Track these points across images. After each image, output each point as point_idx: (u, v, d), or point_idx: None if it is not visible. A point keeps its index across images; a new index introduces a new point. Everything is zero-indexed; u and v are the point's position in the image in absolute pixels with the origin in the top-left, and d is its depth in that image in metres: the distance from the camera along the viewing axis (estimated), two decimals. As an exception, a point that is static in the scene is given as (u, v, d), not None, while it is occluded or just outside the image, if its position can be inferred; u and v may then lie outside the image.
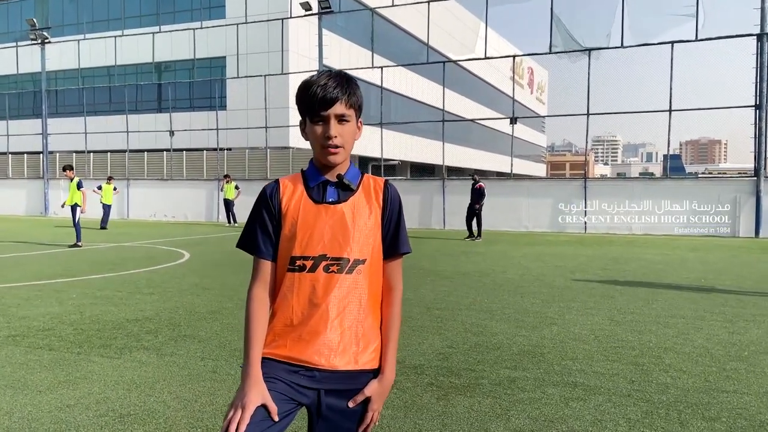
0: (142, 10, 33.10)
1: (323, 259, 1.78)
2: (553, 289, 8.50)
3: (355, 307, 1.80)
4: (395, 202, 1.89)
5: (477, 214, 17.52)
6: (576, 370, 4.66)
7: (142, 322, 6.19)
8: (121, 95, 31.13)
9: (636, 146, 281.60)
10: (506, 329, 5.99)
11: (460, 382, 4.32)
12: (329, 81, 1.80)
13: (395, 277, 1.92)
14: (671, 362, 4.89)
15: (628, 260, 12.29)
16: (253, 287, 1.85)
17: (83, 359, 4.84)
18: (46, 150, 30.38)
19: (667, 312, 6.91)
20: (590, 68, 20.40)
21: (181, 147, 28.63)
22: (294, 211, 1.82)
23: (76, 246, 14.24)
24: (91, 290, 8.08)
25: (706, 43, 19.03)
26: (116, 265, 10.95)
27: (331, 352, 1.76)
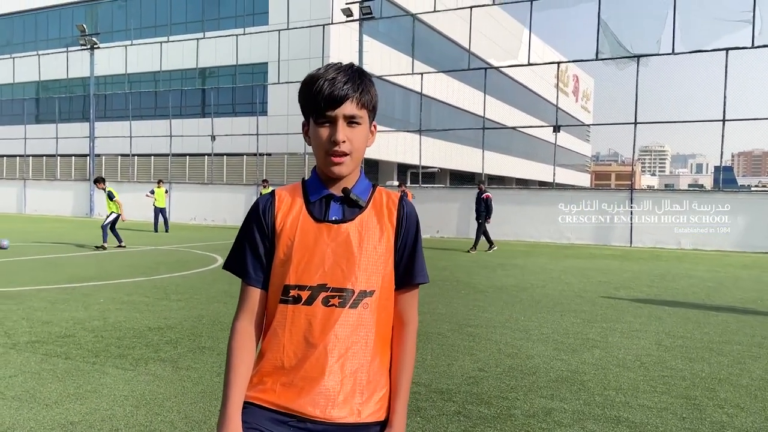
0: (187, 17, 33.65)
1: (323, 289, 1.49)
2: (595, 307, 8.02)
3: (360, 348, 1.49)
4: (412, 222, 1.57)
5: (481, 225, 16.70)
6: (620, 402, 4.24)
7: (164, 330, 6.01)
8: (165, 100, 31.67)
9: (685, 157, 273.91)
10: (543, 351, 5.59)
11: (491, 413, 3.96)
12: (338, 75, 1.49)
13: (409, 311, 1.61)
14: (726, 396, 4.42)
15: (676, 277, 11.64)
16: (239, 318, 1.56)
17: (97, 370, 4.67)
18: (92, 153, 31.12)
19: (720, 337, 6.38)
20: (638, 75, 19.67)
21: (222, 152, 28.92)
22: (290, 230, 1.53)
23: (102, 248, 14.31)
24: (119, 295, 8.00)
25: (763, 50, 18.10)
26: (150, 269, 10.92)
27: (329, 402, 1.46)
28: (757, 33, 17.81)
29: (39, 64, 33.36)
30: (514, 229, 21.08)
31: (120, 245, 14.69)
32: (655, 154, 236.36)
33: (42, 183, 32.42)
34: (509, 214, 21.28)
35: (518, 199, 21.92)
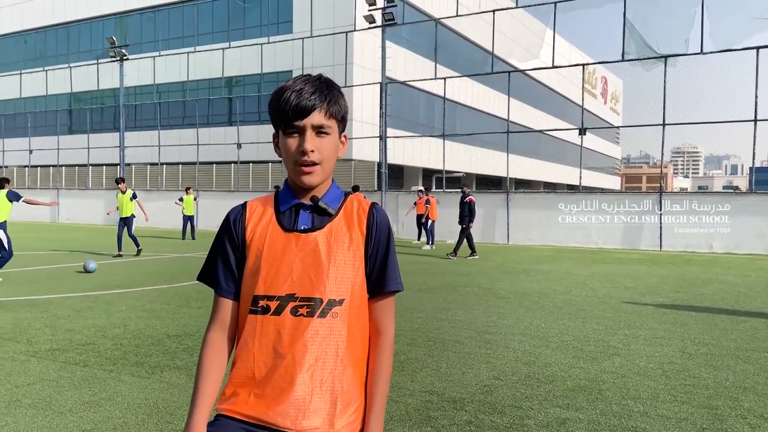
0: (214, 27, 34.17)
1: (291, 299, 1.48)
2: (619, 314, 7.85)
3: (331, 358, 1.47)
4: (383, 228, 1.55)
5: (464, 230, 15.97)
6: (638, 412, 4.13)
7: (182, 338, 6.07)
8: (193, 109, 32.17)
9: (719, 158, 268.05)
10: (562, 359, 5.48)
11: (503, 422, 3.89)
12: (306, 86, 1.50)
13: (384, 320, 1.58)
14: (750, 406, 4.27)
15: (705, 282, 11.34)
16: (210, 329, 1.57)
17: (113, 378, 4.73)
18: (123, 162, 31.73)
19: (748, 344, 6.18)
20: (666, 76, 19.28)
21: (248, 159, 29.23)
22: (259, 240, 1.53)
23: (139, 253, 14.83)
24: (141, 302, 8.11)
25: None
26: (173, 276, 11.06)
27: (299, 413, 1.44)
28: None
29: (71, 76, 34.19)
30: (540, 234, 20.83)
31: (119, 254, 14.76)
32: (688, 155, 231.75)
33: (74, 192, 33.15)
34: (536, 218, 21.05)
35: (545, 203, 21.66)
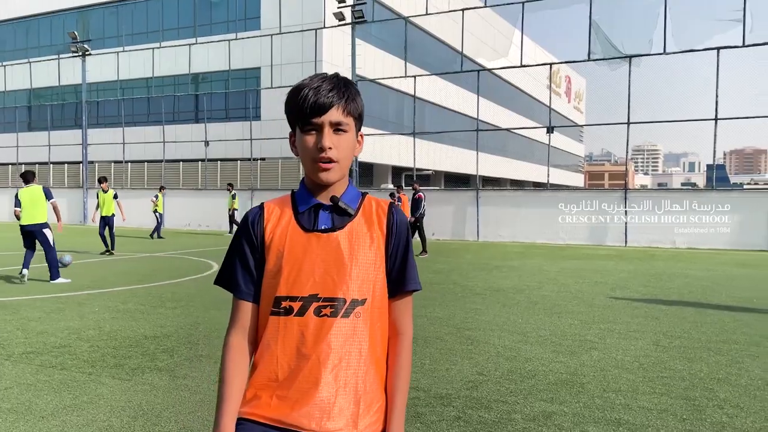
0: (179, 23, 33.59)
1: (314, 300, 1.47)
2: (592, 309, 8.02)
3: (354, 358, 1.47)
4: (402, 228, 1.56)
5: (418, 227, 15.90)
6: (620, 404, 4.23)
7: (160, 339, 5.97)
8: (158, 106, 31.59)
9: (678, 156, 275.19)
10: (542, 354, 5.58)
11: (491, 417, 3.95)
12: (323, 83, 1.50)
13: (403, 319, 1.58)
14: (726, 397, 4.42)
15: (671, 277, 11.66)
16: (231, 333, 1.55)
17: (93, 380, 4.63)
18: (85, 160, 30.98)
19: (717, 337, 6.39)
20: (631, 75, 19.73)
21: (215, 157, 28.85)
22: (279, 241, 1.51)
23: (111, 253, 14.80)
24: (114, 303, 7.95)
25: (754, 49, 18.20)
26: (145, 276, 10.86)
27: (324, 415, 1.43)
28: (747, 32, 17.91)
29: (30, 71, 33.21)
30: (510, 231, 21.10)
31: (108, 251, 14.96)
32: (648, 153, 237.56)
33: (35, 191, 32.20)
34: (505, 215, 21.32)
35: (514, 200, 21.95)
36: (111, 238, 15.25)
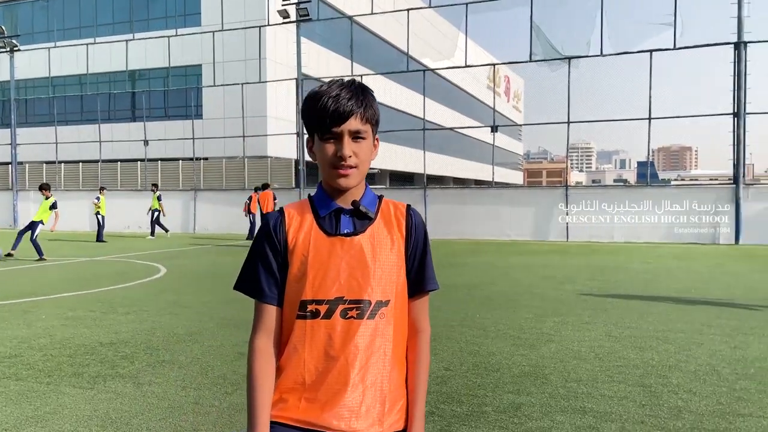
0: (114, 18, 32.46)
1: (340, 302, 1.49)
2: (545, 302, 8.29)
3: (379, 359, 1.51)
4: (420, 230, 1.60)
5: None
6: (582, 393, 4.41)
7: (117, 345, 5.80)
8: (93, 104, 30.41)
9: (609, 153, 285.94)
10: (503, 348, 5.73)
11: (463, 411, 4.04)
12: (342, 91, 1.51)
13: (422, 318, 1.64)
14: (678, 382, 4.68)
15: (614, 270, 12.17)
16: (256, 338, 1.55)
17: (53, 390, 4.46)
18: (15, 161, 29.50)
19: (664, 326, 6.73)
20: (570, 76, 20.42)
21: (155, 157, 28.03)
22: (303, 246, 1.53)
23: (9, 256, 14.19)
24: (61, 310, 7.64)
25: (685, 51, 19.17)
26: (89, 281, 10.48)
27: (352, 415, 1.47)
28: (678, 35, 18.85)
29: (-48, 67, 31.33)
30: (457, 228, 21.45)
31: (10, 253, 14.32)
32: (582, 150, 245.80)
33: (-41, 194, 30.46)
34: (452, 213, 21.66)
35: (460, 198, 22.34)
36: (34, 244, 14.10)
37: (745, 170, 18.75)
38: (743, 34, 18.17)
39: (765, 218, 18.09)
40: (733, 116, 18.54)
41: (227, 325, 6.76)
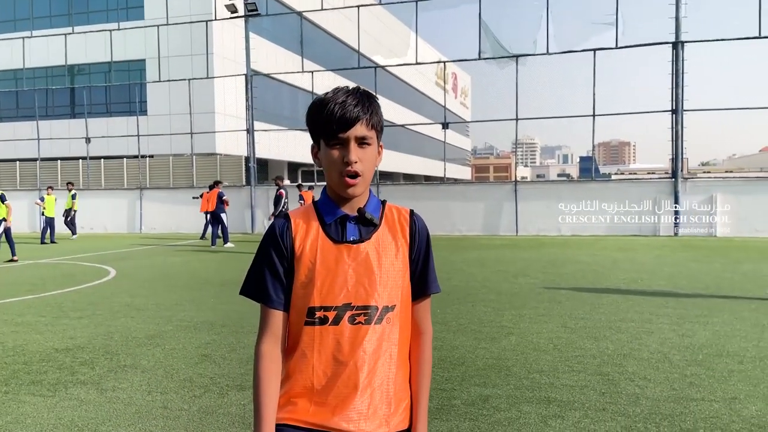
0: (52, 10, 31.18)
1: (348, 308, 1.53)
2: (501, 296, 8.50)
3: (385, 362, 1.55)
4: (423, 235, 1.65)
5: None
6: (545, 384, 4.58)
7: (74, 351, 5.64)
8: (30, 100, 29.15)
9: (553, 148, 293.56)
10: (466, 342, 5.87)
11: (433, 405, 4.13)
12: (348, 98, 1.53)
13: (425, 320, 1.69)
14: (634, 370, 4.90)
15: (564, 262, 12.55)
16: (263, 342, 1.57)
17: (12, 399, 4.32)
18: (-55, 159, 28.00)
19: (615, 316, 7.02)
20: (518, 74, 20.87)
21: (98, 155, 27.12)
22: (311, 253, 1.55)
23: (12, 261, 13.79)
24: (9, 316, 7.36)
25: (626, 50, 19.90)
26: (34, 285, 10.09)
27: (361, 417, 1.51)
28: (620, 35, 19.53)
29: None
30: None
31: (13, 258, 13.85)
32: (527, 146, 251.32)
33: None
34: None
35: (412, 194, 22.53)
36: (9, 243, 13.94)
37: (682, 164, 19.60)
38: (681, 34, 19.00)
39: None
40: (672, 113, 19.37)
41: (186, 327, 6.66)
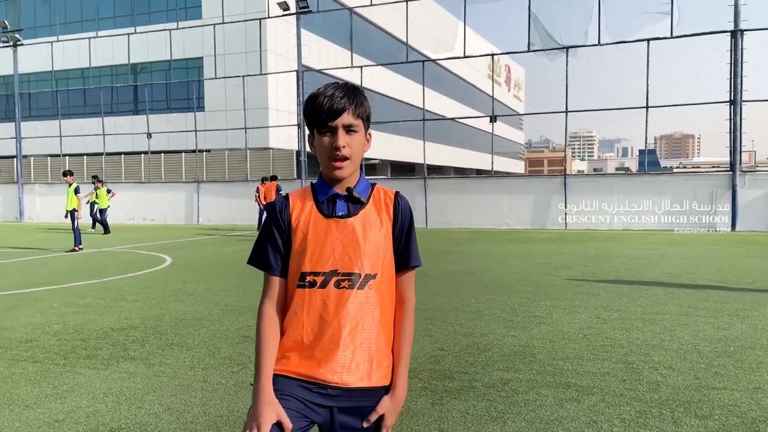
0: (116, 11, 32.62)
1: (334, 274, 1.75)
2: (538, 287, 8.55)
3: (368, 323, 1.76)
4: (406, 214, 1.86)
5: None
6: (568, 370, 4.68)
7: (128, 330, 6.09)
8: (96, 97, 30.67)
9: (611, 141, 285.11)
10: (496, 330, 6.01)
11: (454, 386, 4.32)
12: (336, 92, 1.77)
13: (407, 290, 1.89)
14: (660, 359, 4.94)
15: (609, 256, 12.41)
16: (264, 304, 1.82)
17: (69, 371, 4.75)
18: (20, 154, 29.79)
19: (652, 308, 6.99)
20: (568, 65, 20.57)
21: (158, 149, 28.30)
22: (304, 225, 1.79)
23: (74, 250, 14.40)
24: (72, 298, 7.94)
25: (682, 40, 19.30)
26: (97, 271, 10.77)
27: (344, 370, 1.73)
28: (675, 24, 18.97)
29: (-44, 62, 31.60)
30: (456, 218, 21.71)
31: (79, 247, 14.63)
32: (584, 139, 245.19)
33: (-35, 187, 30.82)
34: (451, 202, 21.90)
35: (459, 188, 22.57)
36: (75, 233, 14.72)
37: (741, 157, 18.91)
38: (740, 22, 18.31)
39: (761, 205, 18.31)
40: (730, 104, 18.70)
41: (232, 311, 7.04)
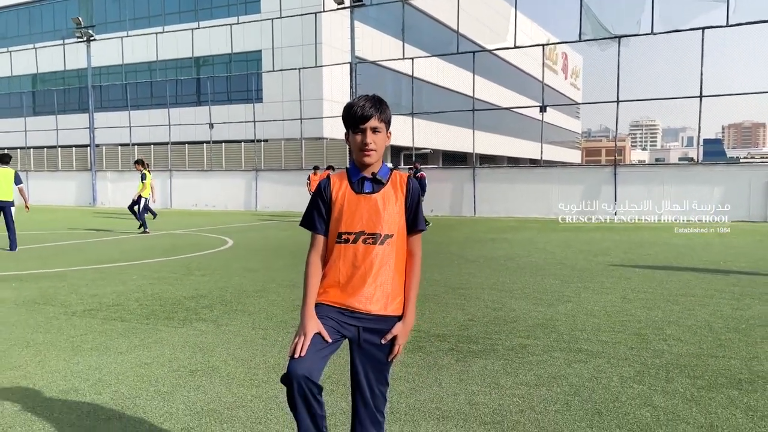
0: (181, 7, 34.20)
1: (362, 234, 2.42)
2: (573, 271, 9.01)
3: (386, 269, 2.43)
4: (415, 192, 2.53)
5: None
6: (583, 339, 5.23)
7: (198, 299, 6.96)
8: (162, 89, 32.37)
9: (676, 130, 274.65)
10: (524, 306, 6.57)
11: (477, 348, 4.94)
12: (366, 103, 2.44)
13: (416, 247, 2.56)
14: (671, 333, 5.41)
15: (653, 245, 12.64)
16: (311, 255, 2.51)
17: (152, 328, 5.62)
18: (93, 143, 31.82)
19: (678, 291, 7.37)
20: (620, 55, 20.53)
21: (220, 139, 29.71)
22: (341, 199, 2.46)
23: (146, 232, 15.78)
24: (148, 272, 8.93)
25: (740, 28, 18.97)
26: (167, 250, 11.84)
27: (368, 301, 2.41)
28: (731, 12, 18.67)
29: (36, 57, 33.89)
30: (504, 207, 22.07)
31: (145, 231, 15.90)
32: (647, 128, 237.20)
33: (44, 174, 33.16)
34: (500, 191, 22.26)
35: (508, 177, 22.89)
36: (137, 216, 16.12)
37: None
38: (800, 9, 17.85)
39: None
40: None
41: (287, 285, 7.84)
